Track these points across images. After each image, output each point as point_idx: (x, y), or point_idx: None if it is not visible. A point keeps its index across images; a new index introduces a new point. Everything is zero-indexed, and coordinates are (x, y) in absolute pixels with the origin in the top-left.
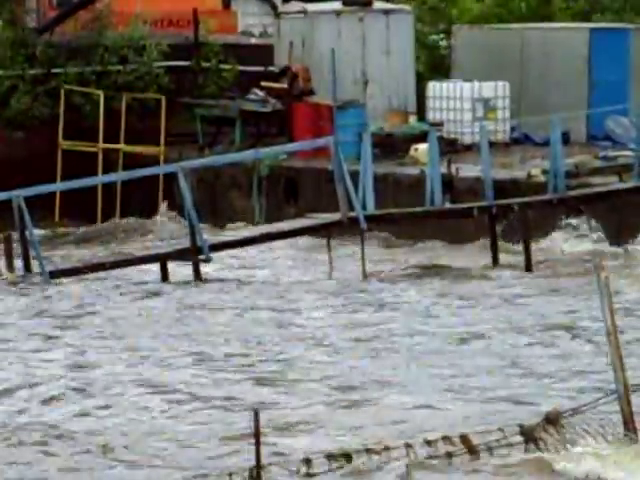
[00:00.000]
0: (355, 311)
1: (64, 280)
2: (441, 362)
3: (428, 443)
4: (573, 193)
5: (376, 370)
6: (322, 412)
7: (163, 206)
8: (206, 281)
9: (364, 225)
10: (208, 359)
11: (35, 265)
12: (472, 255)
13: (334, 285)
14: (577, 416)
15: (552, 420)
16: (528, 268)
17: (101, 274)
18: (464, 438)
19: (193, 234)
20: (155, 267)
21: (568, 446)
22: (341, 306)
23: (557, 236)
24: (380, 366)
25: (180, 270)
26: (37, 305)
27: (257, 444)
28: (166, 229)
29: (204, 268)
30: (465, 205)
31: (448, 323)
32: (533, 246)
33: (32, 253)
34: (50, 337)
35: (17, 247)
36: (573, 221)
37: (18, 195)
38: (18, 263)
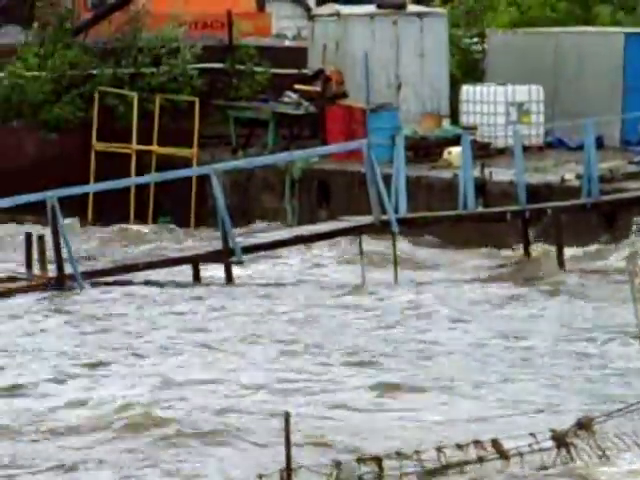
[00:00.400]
0: (384, 316)
1: (96, 281)
2: (472, 365)
3: (459, 447)
4: (607, 198)
5: (406, 375)
6: (354, 416)
7: None
8: (238, 283)
9: (396, 228)
10: (239, 362)
11: (67, 265)
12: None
13: (365, 289)
14: (610, 422)
15: (584, 425)
16: None
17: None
18: (495, 443)
19: (225, 236)
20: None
21: (600, 453)
22: (371, 310)
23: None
24: (410, 372)
25: (212, 271)
26: (71, 306)
27: (287, 447)
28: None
29: (236, 270)
30: (498, 209)
31: (480, 327)
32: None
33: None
34: (85, 335)
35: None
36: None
37: (52, 196)
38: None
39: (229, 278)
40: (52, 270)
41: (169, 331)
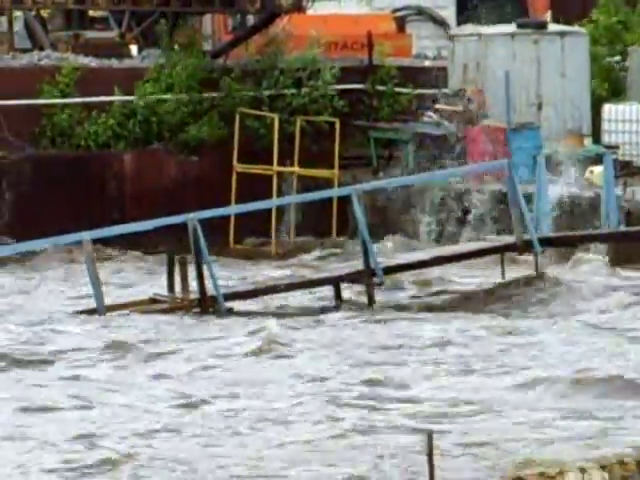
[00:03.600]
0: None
1: (238, 303)
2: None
3: (603, 468)
4: None
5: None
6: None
7: None
8: (379, 305)
9: (538, 248)
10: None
11: (210, 287)
12: None
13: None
14: None
15: None
16: None
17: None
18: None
19: (366, 256)
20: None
21: None
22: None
23: None
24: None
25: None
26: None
27: (431, 467)
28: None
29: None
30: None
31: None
32: None
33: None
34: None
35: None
36: None
37: (193, 218)
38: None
39: (371, 299)
40: (194, 292)
41: None
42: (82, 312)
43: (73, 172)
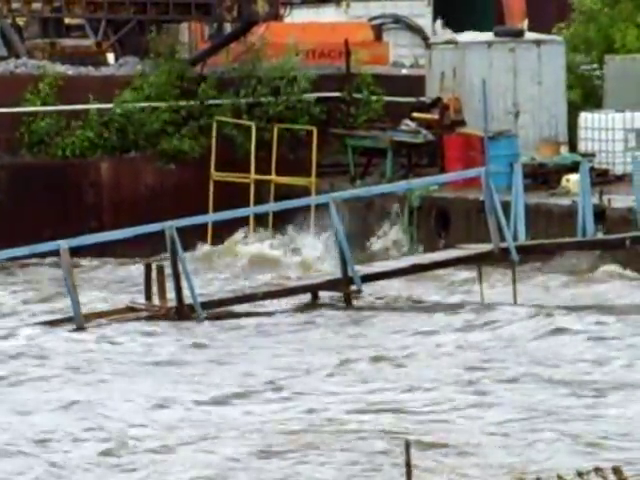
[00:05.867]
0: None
1: (215, 311)
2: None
3: (580, 475)
4: None
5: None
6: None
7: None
8: (358, 309)
9: (516, 256)
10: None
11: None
12: None
13: (481, 313)
14: None
15: None
16: None
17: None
18: (617, 470)
19: (344, 265)
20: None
21: None
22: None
23: None
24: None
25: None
26: (195, 336)
27: (408, 476)
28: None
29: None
30: (617, 236)
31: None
32: None
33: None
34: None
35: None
36: None
37: (171, 226)
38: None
39: (348, 307)
40: (171, 300)
41: None
42: (59, 321)
43: (50, 180)
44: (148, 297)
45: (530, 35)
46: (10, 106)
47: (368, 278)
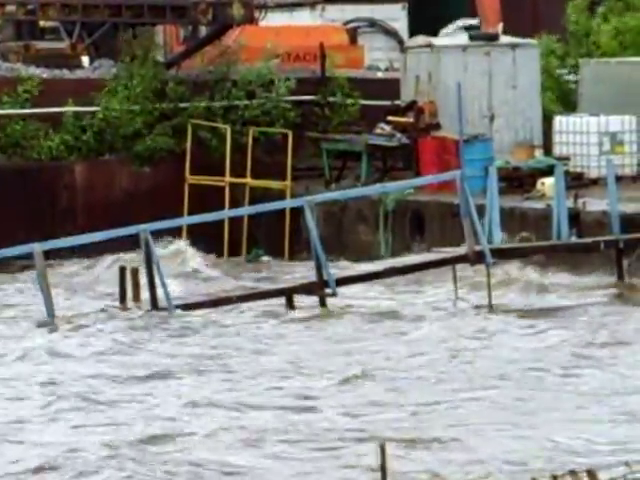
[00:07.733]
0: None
1: (190, 314)
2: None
3: (554, 478)
4: None
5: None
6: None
7: None
8: (332, 313)
9: (490, 259)
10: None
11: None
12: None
13: (456, 317)
14: None
15: None
16: None
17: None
18: (590, 473)
19: (319, 268)
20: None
21: None
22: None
23: None
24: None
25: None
26: (168, 339)
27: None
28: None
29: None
30: (592, 239)
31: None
32: None
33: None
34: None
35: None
36: None
37: (145, 229)
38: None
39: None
40: (146, 303)
41: None
42: (34, 322)
43: (24, 183)
44: (122, 299)
45: (505, 39)
46: None
47: (343, 281)
